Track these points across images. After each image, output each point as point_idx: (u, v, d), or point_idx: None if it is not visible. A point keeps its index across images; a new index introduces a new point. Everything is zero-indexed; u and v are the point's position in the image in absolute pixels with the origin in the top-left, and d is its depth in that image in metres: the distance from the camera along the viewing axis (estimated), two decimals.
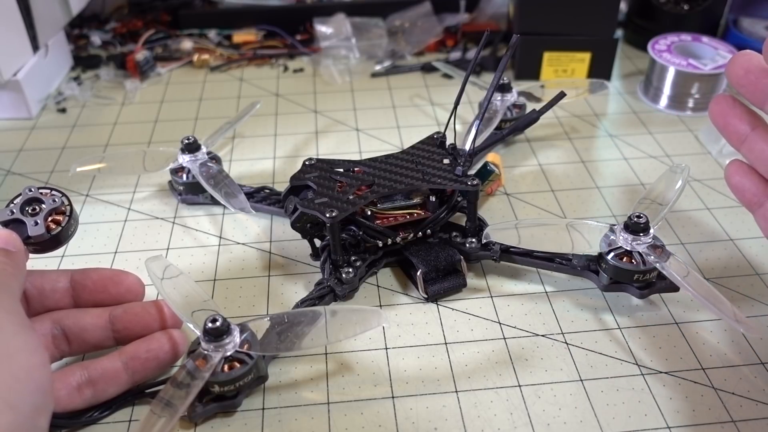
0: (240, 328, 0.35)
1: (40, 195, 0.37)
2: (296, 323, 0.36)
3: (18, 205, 0.36)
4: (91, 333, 0.36)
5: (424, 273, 0.42)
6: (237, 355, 0.35)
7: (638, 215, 0.40)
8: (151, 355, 0.36)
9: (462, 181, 0.42)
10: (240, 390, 0.35)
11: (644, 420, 0.35)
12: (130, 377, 0.35)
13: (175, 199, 0.51)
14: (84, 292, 0.38)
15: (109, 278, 0.38)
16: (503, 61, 0.43)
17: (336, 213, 0.39)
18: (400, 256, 0.44)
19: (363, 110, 0.62)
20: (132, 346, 0.36)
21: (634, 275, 0.39)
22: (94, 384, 0.35)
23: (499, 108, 0.54)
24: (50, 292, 0.37)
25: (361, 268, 0.42)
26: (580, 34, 0.63)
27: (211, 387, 0.34)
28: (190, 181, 0.49)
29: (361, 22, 0.71)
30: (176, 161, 0.49)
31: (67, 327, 0.36)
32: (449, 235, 0.44)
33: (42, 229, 0.36)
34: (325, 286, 0.41)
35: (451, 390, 0.37)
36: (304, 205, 0.41)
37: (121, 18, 0.77)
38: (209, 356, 0.34)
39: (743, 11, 0.70)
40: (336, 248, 0.41)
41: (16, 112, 0.61)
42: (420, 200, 0.43)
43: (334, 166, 0.44)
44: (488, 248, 0.43)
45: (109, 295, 0.38)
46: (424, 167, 0.43)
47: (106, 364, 0.35)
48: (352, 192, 0.41)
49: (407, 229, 0.43)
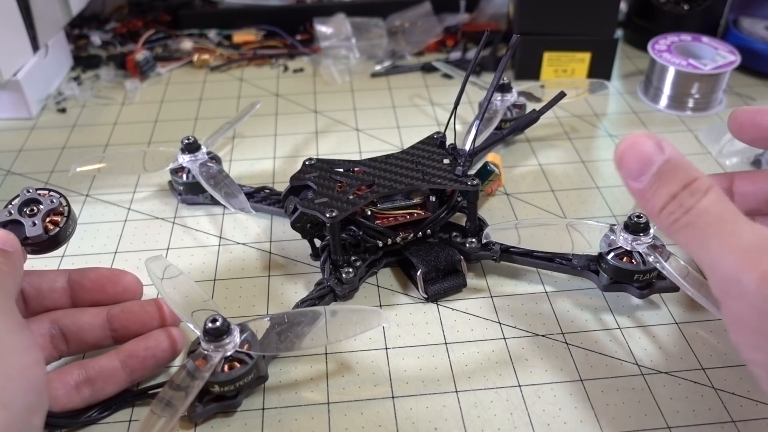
0: (240, 328, 0.35)
1: (38, 196, 0.37)
2: (296, 323, 0.36)
3: (16, 206, 0.37)
4: (88, 332, 0.36)
5: (424, 273, 0.42)
6: (237, 355, 0.35)
7: (638, 215, 0.40)
8: (149, 353, 0.36)
9: (462, 181, 0.42)
10: (240, 390, 0.35)
11: (644, 420, 0.35)
12: (128, 375, 0.35)
13: (175, 199, 0.51)
14: (82, 292, 0.38)
15: (107, 277, 0.38)
16: (503, 61, 0.43)
17: (336, 213, 0.39)
18: (400, 256, 0.44)
19: (363, 110, 0.62)
20: (130, 345, 0.36)
21: (635, 275, 0.39)
22: (93, 383, 0.35)
23: (499, 108, 0.54)
24: (48, 291, 0.37)
25: (361, 268, 0.42)
26: (580, 34, 0.63)
27: (211, 387, 0.34)
28: (190, 181, 0.49)
29: (361, 22, 0.71)
30: (176, 161, 0.49)
31: (65, 326, 0.36)
32: (449, 235, 0.44)
33: (40, 230, 0.36)
34: (325, 286, 0.41)
35: (451, 390, 0.37)
36: (304, 205, 0.41)
37: (121, 18, 0.77)
38: (209, 356, 0.34)
39: (743, 11, 0.70)
40: (336, 248, 0.41)
41: (16, 112, 0.61)
42: (420, 200, 0.43)
43: (334, 166, 0.44)
44: (488, 248, 0.43)
45: (107, 294, 0.38)
46: (424, 167, 0.43)
47: (104, 362, 0.35)
48: (352, 192, 0.41)
49: (407, 229, 0.43)
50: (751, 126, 0.35)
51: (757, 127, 0.35)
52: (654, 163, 0.29)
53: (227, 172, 0.48)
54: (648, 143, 0.29)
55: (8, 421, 0.27)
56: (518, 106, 0.56)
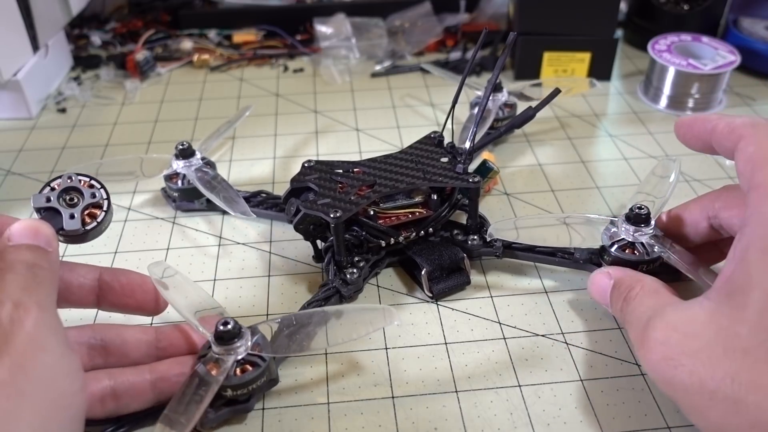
0: (251, 331, 0.35)
1: (79, 185, 0.35)
2: (305, 324, 0.35)
3: (57, 193, 0.34)
4: (133, 347, 0.35)
5: (428, 272, 0.42)
6: (249, 358, 0.34)
7: (639, 206, 0.40)
8: (181, 380, 0.33)
9: (464, 179, 0.42)
10: (253, 393, 0.34)
11: (644, 420, 0.35)
12: (155, 397, 0.34)
13: (170, 206, 0.50)
14: (110, 294, 0.35)
15: (138, 284, 0.36)
16: (500, 59, 0.43)
17: (340, 213, 0.39)
18: (402, 255, 0.44)
19: (363, 110, 0.62)
20: (164, 366, 0.34)
21: (639, 265, 0.40)
22: (118, 398, 0.33)
23: (491, 107, 0.55)
24: (77, 288, 0.35)
25: (364, 268, 0.42)
26: (580, 34, 0.63)
27: (224, 391, 0.33)
28: (186, 186, 0.48)
29: (361, 22, 0.71)
30: (170, 167, 0.49)
31: (109, 339, 0.34)
32: (450, 233, 0.44)
33: (78, 224, 0.34)
34: (330, 287, 0.41)
35: (451, 390, 0.37)
36: (307, 207, 0.40)
37: (121, 18, 0.77)
38: (221, 360, 0.33)
39: (743, 11, 0.70)
40: (340, 249, 0.41)
41: (16, 112, 0.61)
42: (422, 199, 0.43)
43: (333, 167, 0.44)
44: (491, 245, 0.43)
45: (135, 301, 0.36)
46: (425, 166, 0.43)
47: (134, 379, 0.33)
48: (354, 192, 0.41)
49: (409, 228, 0.43)
50: (691, 137, 0.36)
51: (696, 137, 0.36)
52: (607, 288, 0.38)
53: (223, 176, 0.48)
54: (600, 278, 0.39)
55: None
56: (509, 105, 0.56)
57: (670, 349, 0.30)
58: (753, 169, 0.31)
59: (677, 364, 0.30)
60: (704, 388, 0.29)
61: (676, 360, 0.30)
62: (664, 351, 0.31)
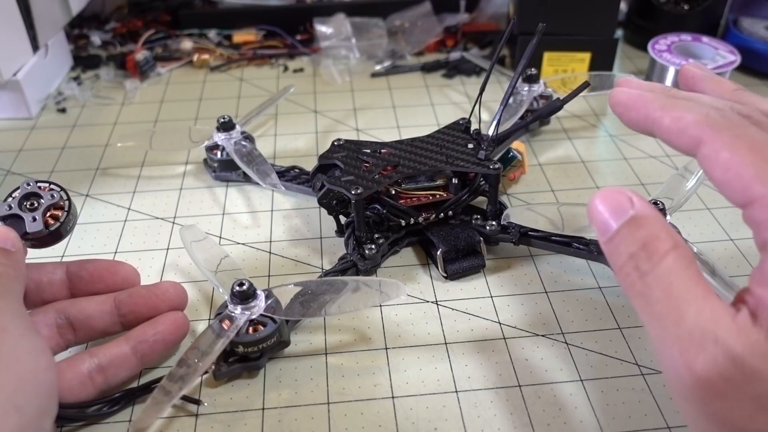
0: (266, 294, 0.37)
1: (38, 190, 0.37)
2: (320, 292, 0.37)
3: (16, 200, 0.36)
4: (97, 319, 0.37)
5: (444, 252, 0.43)
6: (262, 319, 0.36)
7: (655, 201, 0.41)
8: (158, 338, 0.36)
9: (484, 165, 0.43)
10: (263, 352, 0.37)
11: (644, 420, 0.35)
12: (139, 360, 0.36)
13: (209, 175, 0.53)
14: (81, 283, 0.38)
15: (105, 268, 0.38)
16: (529, 48, 0.43)
17: (361, 190, 0.41)
18: (422, 236, 0.45)
19: (363, 110, 0.62)
20: (138, 330, 0.36)
21: None
22: (105, 371, 0.35)
23: (525, 98, 0.55)
24: (47, 284, 0.37)
25: (383, 245, 0.43)
26: (580, 34, 0.63)
27: (236, 348, 0.36)
28: (225, 158, 0.51)
29: (361, 22, 0.71)
30: (211, 139, 0.51)
31: (72, 315, 0.36)
32: (470, 218, 0.45)
33: (40, 225, 0.36)
34: (348, 260, 0.43)
35: (451, 390, 0.37)
36: (330, 182, 0.42)
37: (121, 18, 0.77)
38: (235, 317, 0.36)
39: (743, 11, 0.70)
40: (360, 225, 0.43)
41: (16, 112, 0.61)
42: (443, 182, 0.44)
43: (361, 146, 0.45)
44: (507, 231, 0.44)
45: (106, 285, 0.38)
46: (449, 150, 0.44)
47: (114, 349, 0.35)
48: (378, 172, 0.43)
49: (429, 209, 0.44)
50: (628, 119, 0.31)
51: (634, 123, 0.31)
52: (621, 217, 0.26)
53: (259, 151, 0.50)
54: (619, 197, 0.27)
55: (21, 423, 0.28)
56: (545, 96, 0.57)
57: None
58: (751, 183, 0.25)
59: None
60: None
61: None
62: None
